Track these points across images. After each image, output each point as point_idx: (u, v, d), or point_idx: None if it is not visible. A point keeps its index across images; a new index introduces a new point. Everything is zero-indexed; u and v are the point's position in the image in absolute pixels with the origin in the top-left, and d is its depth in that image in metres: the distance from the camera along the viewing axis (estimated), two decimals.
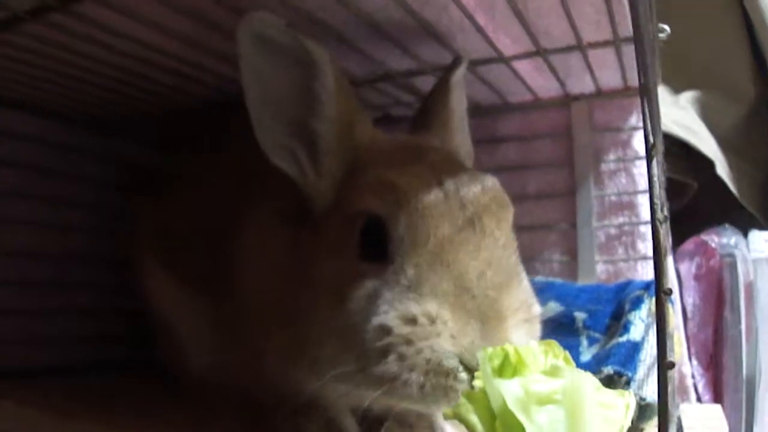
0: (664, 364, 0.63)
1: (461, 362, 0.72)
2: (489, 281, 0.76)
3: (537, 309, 0.81)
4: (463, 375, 0.71)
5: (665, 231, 0.65)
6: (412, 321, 0.73)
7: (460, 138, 1.08)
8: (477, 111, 1.49)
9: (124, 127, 1.58)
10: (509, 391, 0.58)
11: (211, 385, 1.10)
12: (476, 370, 0.67)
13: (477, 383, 0.62)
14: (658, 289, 0.63)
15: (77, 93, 1.34)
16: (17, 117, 1.45)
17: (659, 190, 0.64)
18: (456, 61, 1.11)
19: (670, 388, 0.63)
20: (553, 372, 0.61)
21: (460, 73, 1.10)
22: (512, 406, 0.57)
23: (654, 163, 0.64)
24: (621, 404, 0.61)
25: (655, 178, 0.64)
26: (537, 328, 0.80)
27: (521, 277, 0.82)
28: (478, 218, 0.79)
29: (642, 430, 0.96)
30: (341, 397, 0.85)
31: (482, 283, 0.75)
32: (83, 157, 1.59)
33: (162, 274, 1.25)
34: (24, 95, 1.37)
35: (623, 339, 1.10)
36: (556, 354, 0.64)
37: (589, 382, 0.59)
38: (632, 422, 0.94)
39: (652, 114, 0.64)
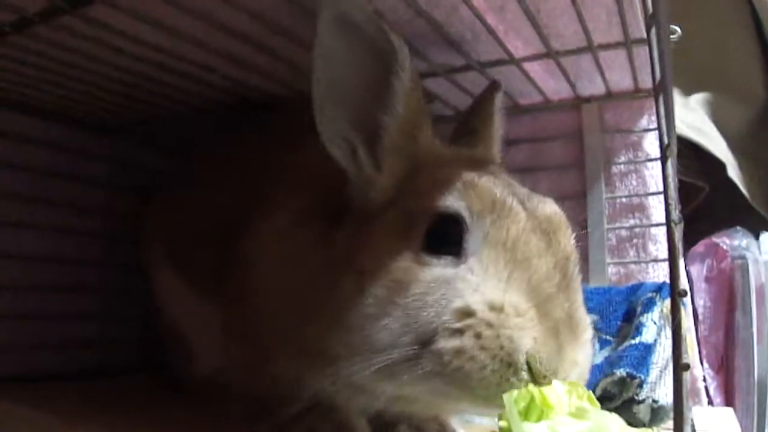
0: (679, 366, 0.62)
1: (528, 362, 0.70)
2: (566, 295, 0.76)
3: (591, 333, 0.80)
4: (525, 375, 0.70)
5: (679, 232, 0.65)
6: (498, 309, 0.72)
7: (499, 157, 1.08)
8: None
9: (133, 129, 1.59)
10: None
11: (219, 387, 1.10)
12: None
13: (502, 424, 0.62)
14: (674, 290, 0.63)
15: (87, 96, 1.34)
16: (25, 120, 1.45)
17: (673, 191, 0.64)
18: (494, 86, 1.11)
19: (683, 390, 0.63)
20: (578, 414, 0.61)
21: (500, 98, 1.10)
22: None
23: (668, 164, 0.64)
24: None
25: (670, 179, 0.64)
26: (591, 353, 0.80)
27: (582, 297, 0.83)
28: (553, 233, 0.80)
29: None
30: (355, 397, 0.85)
31: (562, 296, 0.75)
32: (92, 160, 1.59)
33: (172, 276, 1.25)
34: (33, 98, 1.37)
35: (635, 341, 1.10)
36: (579, 395, 0.64)
37: (615, 423, 0.59)
38: (645, 425, 0.94)
39: (666, 115, 0.64)
